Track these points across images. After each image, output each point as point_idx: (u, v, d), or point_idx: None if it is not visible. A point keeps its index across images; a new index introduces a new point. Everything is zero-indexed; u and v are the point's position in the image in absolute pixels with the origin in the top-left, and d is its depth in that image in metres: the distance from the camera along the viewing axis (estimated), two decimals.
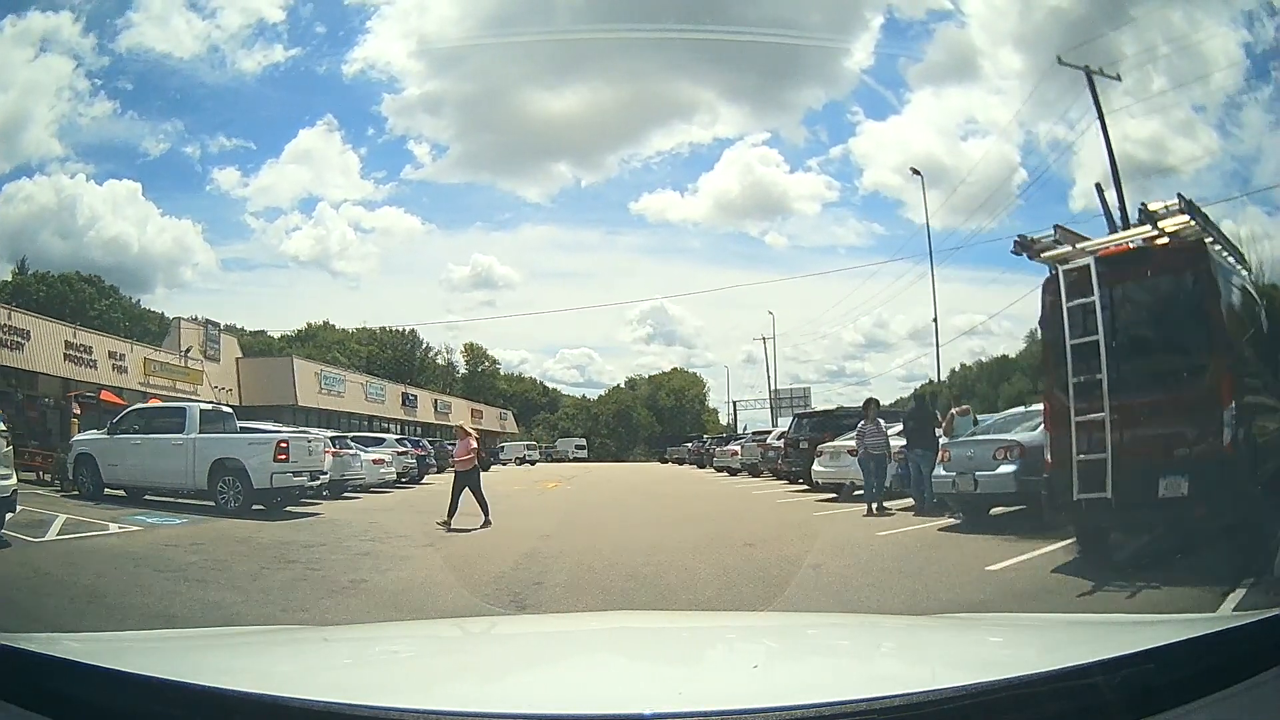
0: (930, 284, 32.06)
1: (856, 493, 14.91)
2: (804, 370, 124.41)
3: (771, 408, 56.07)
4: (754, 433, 36.21)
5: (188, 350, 36.58)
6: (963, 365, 67.72)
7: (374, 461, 21.38)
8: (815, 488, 17.78)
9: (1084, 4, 50.00)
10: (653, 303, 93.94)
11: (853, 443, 14.87)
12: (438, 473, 33.28)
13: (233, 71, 57.49)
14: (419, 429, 50.90)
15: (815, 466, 16.84)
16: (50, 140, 52.89)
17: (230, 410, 16.91)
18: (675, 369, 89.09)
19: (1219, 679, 1.33)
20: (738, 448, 32.37)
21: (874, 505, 13.04)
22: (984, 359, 64.19)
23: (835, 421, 19.53)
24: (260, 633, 2.92)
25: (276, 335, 61.75)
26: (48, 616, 6.22)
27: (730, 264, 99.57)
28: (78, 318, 36.13)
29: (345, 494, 19.02)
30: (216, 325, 40.65)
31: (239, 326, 57.22)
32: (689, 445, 49.83)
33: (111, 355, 32.21)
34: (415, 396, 54.11)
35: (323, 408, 42.33)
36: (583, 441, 67.90)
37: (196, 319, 39.49)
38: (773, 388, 57.83)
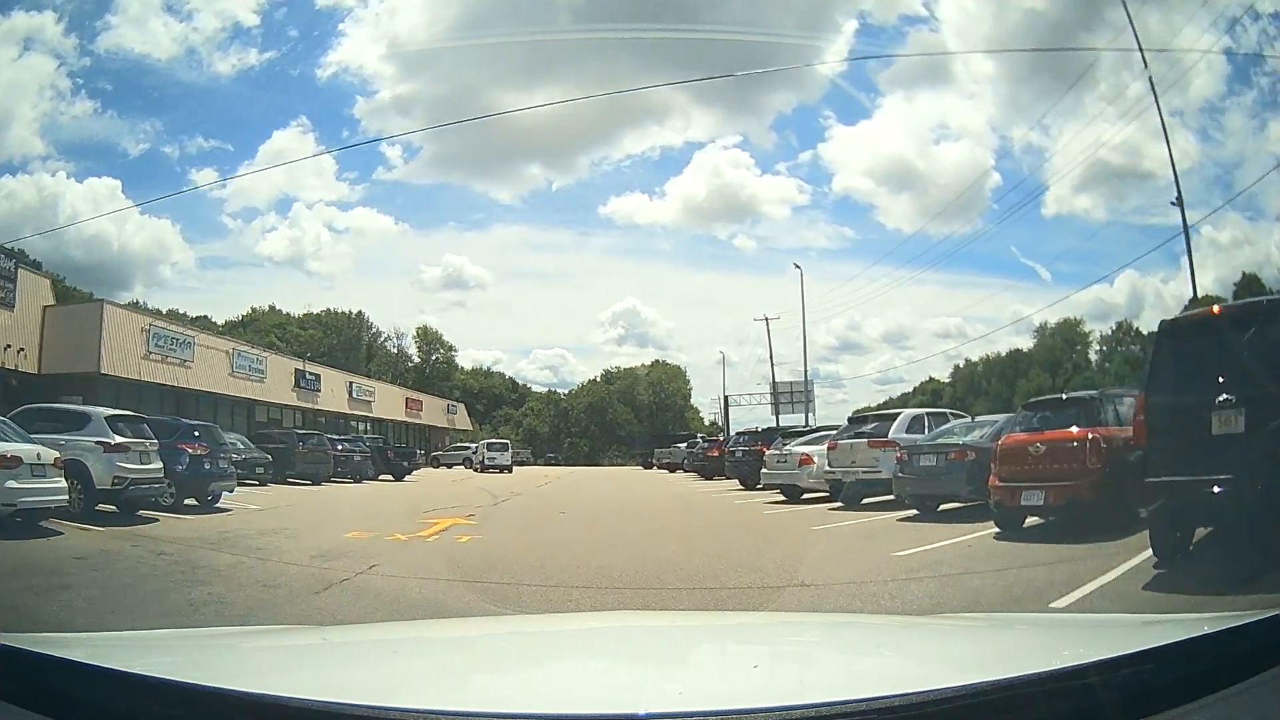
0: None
1: None
2: (777, 372, 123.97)
3: (784, 402, 48.31)
4: (851, 417, 18.81)
5: None
6: (967, 361, 66.68)
7: None
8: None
9: (1057, 8, 49.99)
10: (625, 304, 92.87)
11: None
12: (302, 484, 22.98)
13: (209, 73, 58.19)
14: (324, 419, 40.97)
15: None
16: (33, 138, 53.66)
17: None
18: (656, 361, 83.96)
19: (1217, 680, 1.33)
20: (809, 450, 17.36)
21: None
22: (989, 356, 63.21)
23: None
24: (260, 633, 2.92)
25: (221, 323, 59.26)
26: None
27: (702, 265, 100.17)
28: None
29: None
30: (13, 257, 28.08)
31: (181, 312, 52.84)
32: (684, 446, 40.01)
33: None
34: (317, 376, 42.69)
35: (151, 380, 30.08)
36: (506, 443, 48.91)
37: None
38: (805, 375, 49.14)
